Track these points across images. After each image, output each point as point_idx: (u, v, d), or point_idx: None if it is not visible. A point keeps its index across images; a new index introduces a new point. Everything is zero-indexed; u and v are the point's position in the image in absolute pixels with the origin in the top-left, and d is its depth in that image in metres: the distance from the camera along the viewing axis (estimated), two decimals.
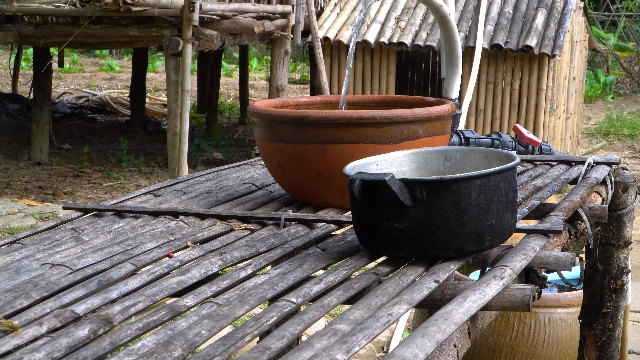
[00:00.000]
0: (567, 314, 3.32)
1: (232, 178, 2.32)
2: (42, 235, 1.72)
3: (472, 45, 7.12)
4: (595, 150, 10.31)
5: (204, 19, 5.98)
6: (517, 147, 2.78)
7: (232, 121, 11.20)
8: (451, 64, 2.52)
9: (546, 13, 7.40)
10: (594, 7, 17.47)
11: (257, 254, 1.58)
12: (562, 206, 1.86)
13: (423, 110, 1.90)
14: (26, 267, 1.46)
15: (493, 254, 1.53)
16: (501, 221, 1.46)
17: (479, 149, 1.66)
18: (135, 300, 1.26)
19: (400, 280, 1.35)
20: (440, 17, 2.40)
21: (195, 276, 1.41)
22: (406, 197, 1.40)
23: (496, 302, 1.35)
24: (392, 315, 1.18)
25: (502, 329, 3.32)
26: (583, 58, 8.90)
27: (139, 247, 1.60)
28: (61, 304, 1.28)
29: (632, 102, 14.24)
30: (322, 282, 1.36)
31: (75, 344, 1.10)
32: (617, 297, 2.55)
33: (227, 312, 1.20)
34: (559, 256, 1.54)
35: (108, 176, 7.62)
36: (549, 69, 7.21)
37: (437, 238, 1.42)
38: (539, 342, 3.30)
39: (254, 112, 1.97)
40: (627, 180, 2.39)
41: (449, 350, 1.25)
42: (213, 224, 1.79)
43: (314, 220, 1.78)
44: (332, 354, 1.03)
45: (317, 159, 1.87)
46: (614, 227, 2.49)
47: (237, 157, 8.60)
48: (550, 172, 2.32)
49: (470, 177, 1.41)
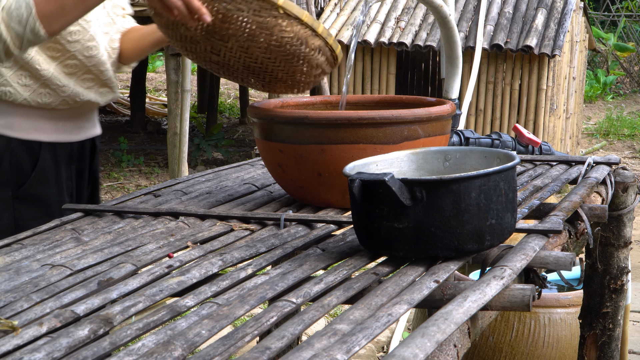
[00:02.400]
0: (567, 314, 3.32)
1: (232, 178, 2.32)
2: (42, 235, 1.72)
3: (472, 45, 7.12)
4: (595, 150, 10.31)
5: None
6: (517, 147, 2.78)
7: (232, 121, 11.20)
8: (451, 64, 2.53)
9: (546, 13, 7.40)
10: (594, 7, 17.48)
11: (257, 254, 1.58)
12: (562, 206, 1.86)
13: (423, 111, 1.90)
14: (26, 268, 1.47)
15: (493, 254, 1.53)
16: (501, 221, 1.46)
17: (478, 149, 1.66)
18: (135, 301, 1.27)
19: (400, 280, 1.35)
20: (441, 18, 2.40)
21: (196, 276, 1.41)
22: (406, 197, 1.40)
23: (496, 302, 1.35)
24: (392, 315, 1.18)
25: (502, 329, 3.32)
26: (583, 58, 8.90)
27: (139, 247, 1.61)
28: (61, 304, 1.28)
29: (632, 102, 14.25)
30: (322, 282, 1.36)
31: (75, 344, 1.10)
32: (617, 297, 2.56)
33: (227, 312, 1.20)
34: (559, 256, 1.54)
35: (108, 176, 7.62)
36: (549, 69, 7.21)
37: (437, 238, 1.42)
38: (539, 342, 3.30)
39: (253, 112, 1.98)
40: (627, 180, 2.39)
41: (449, 350, 1.25)
42: (213, 225, 1.79)
43: (314, 221, 1.78)
44: (332, 353, 1.03)
45: (317, 159, 1.87)
46: (614, 227, 2.49)
47: (237, 157, 8.61)
48: (550, 172, 2.32)
49: (470, 177, 1.41)
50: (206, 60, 1.89)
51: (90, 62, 2.21)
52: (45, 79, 2.15)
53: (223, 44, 1.82)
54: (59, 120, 2.22)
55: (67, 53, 2.16)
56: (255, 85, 1.96)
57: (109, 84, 2.28)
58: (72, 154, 2.27)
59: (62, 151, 2.24)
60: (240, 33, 1.80)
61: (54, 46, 2.15)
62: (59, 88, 2.17)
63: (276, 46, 1.82)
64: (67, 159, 2.26)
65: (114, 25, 2.31)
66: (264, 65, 1.87)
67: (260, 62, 1.86)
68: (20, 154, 2.16)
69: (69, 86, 2.18)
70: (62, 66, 2.17)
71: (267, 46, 1.82)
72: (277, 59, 1.85)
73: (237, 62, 1.87)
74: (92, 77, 2.23)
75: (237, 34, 1.80)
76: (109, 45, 2.28)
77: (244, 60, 1.86)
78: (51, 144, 2.21)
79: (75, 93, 2.19)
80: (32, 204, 2.18)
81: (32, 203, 2.18)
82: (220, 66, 1.90)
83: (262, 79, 1.92)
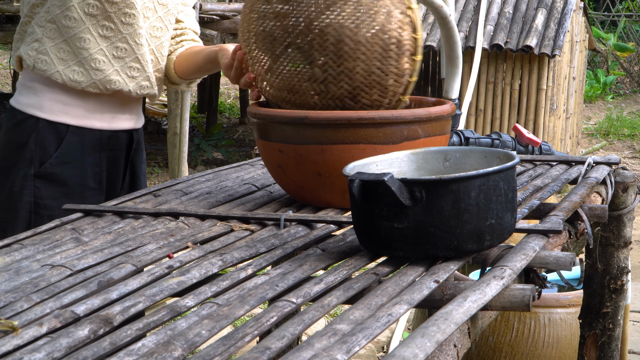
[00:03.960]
0: (567, 314, 3.32)
1: (232, 178, 2.32)
2: (42, 235, 1.72)
3: (472, 45, 7.12)
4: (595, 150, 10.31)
5: (204, 19, 5.99)
6: (517, 147, 2.78)
7: (232, 121, 11.20)
8: (451, 64, 2.53)
9: (546, 13, 7.40)
10: (594, 7, 17.48)
11: (257, 254, 1.58)
12: (562, 206, 1.86)
13: (423, 111, 1.90)
14: (26, 268, 1.47)
15: (493, 254, 1.53)
16: (501, 221, 1.46)
17: (478, 148, 1.66)
18: (135, 301, 1.27)
19: (400, 281, 1.35)
20: (441, 18, 2.40)
21: (196, 276, 1.41)
22: (405, 197, 1.40)
23: (496, 302, 1.35)
24: (392, 315, 1.18)
25: (502, 329, 3.33)
26: (583, 58, 8.90)
27: (140, 248, 1.61)
28: (61, 304, 1.28)
29: (632, 102, 14.25)
30: (322, 282, 1.36)
31: (75, 344, 1.10)
32: (617, 297, 2.56)
33: (227, 312, 1.20)
34: (559, 256, 1.55)
35: None
36: (548, 69, 7.21)
37: (437, 238, 1.42)
38: (539, 342, 3.30)
39: (253, 112, 1.98)
40: (627, 180, 2.39)
41: (449, 350, 1.25)
42: (213, 225, 1.79)
43: (314, 221, 1.78)
44: (332, 353, 1.03)
45: (317, 160, 1.87)
46: (614, 227, 2.49)
47: (237, 157, 8.61)
48: (550, 172, 2.32)
49: (470, 176, 1.41)
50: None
51: (139, 51, 2.25)
52: (83, 57, 2.20)
53: None
54: (90, 106, 2.26)
55: (119, 34, 2.20)
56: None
57: (150, 78, 2.30)
58: (102, 141, 2.30)
59: (89, 137, 2.27)
60: None
61: (108, 25, 2.19)
62: (92, 70, 2.21)
63: None
64: (95, 146, 2.29)
65: (166, 32, 2.34)
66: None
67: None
68: (47, 134, 2.23)
69: (105, 71, 2.22)
70: (112, 48, 2.21)
71: None
72: None
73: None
74: (139, 67, 2.26)
75: None
76: (156, 48, 2.31)
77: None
78: (79, 128, 2.25)
79: (107, 79, 2.22)
80: (52, 183, 2.23)
81: (51, 182, 2.23)
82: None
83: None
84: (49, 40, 2.20)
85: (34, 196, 2.21)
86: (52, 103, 2.23)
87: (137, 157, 2.43)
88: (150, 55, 2.30)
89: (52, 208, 2.21)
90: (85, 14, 2.18)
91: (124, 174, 2.39)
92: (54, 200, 2.21)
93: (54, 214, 2.17)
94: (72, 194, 2.24)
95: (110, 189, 2.35)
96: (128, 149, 2.38)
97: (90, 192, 2.28)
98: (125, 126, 2.36)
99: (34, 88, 2.24)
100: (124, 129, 2.36)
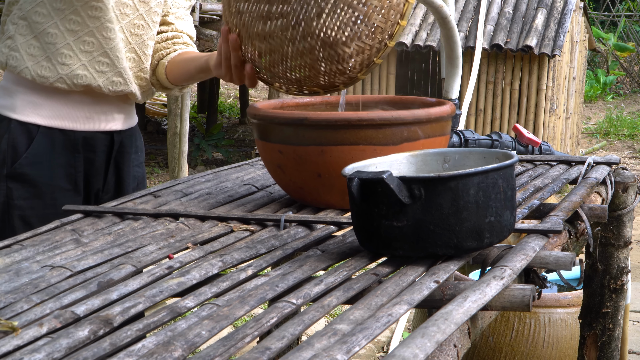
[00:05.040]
0: (567, 314, 3.33)
1: (232, 179, 2.32)
2: (42, 236, 1.72)
3: (472, 45, 7.12)
4: (595, 150, 10.32)
5: (204, 19, 5.99)
6: (517, 147, 2.78)
7: (232, 121, 11.21)
8: (451, 64, 2.53)
9: (546, 13, 7.40)
10: (594, 7, 17.49)
11: (257, 255, 1.58)
12: (562, 206, 1.86)
13: (422, 112, 1.90)
14: (26, 269, 1.47)
15: (493, 254, 1.53)
16: (500, 219, 1.46)
17: (477, 150, 1.66)
18: (135, 302, 1.27)
19: (400, 281, 1.36)
20: (441, 18, 2.40)
21: (196, 277, 1.41)
22: (404, 195, 1.40)
23: (496, 302, 1.35)
24: (392, 316, 1.18)
25: (502, 329, 3.33)
26: (583, 58, 8.91)
27: (140, 249, 1.61)
28: (61, 305, 1.28)
29: (632, 102, 14.26)
30: (322, 283, 1.36)
31: (75, 344, 1.10)
32: (617, 297, 2.56)
33: (228, 312, 1.20)
34: (559, 256, 1.55)
35: None
36: (548, 69, 7.22)
37: (436, 236, 1.42)
38: (539, 342, 3.30)
39: (253, 113, 1.98)
40: (627, 180, 2.39)
41: (449, 350, 1.25)
42: (213, 226, 1.79)
43: (314, 222, 1.78)
44: (332, 354, 1.03)
45: (317, 161, 1.87)
46: (614, 227, 2.50)
47: (237, 157, 8.61)
48: (550, 172, 2.32)
49: (468, 174, 1.41)
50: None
51: (108, 45, 2.22)
52: (50, 52, 2.19)
53: None
54: (61, 106, 2.24)
55: (86, 28, 2.19)
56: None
57: (123, 74, 2.27)
58: (76, 142, 2.28)
59: (60, 137, 2.25)
60: None
61: (74, 19, 2.18)
62: (59, 65, 2.19)
63: None
64: (68, 147, 2.26)
65: (149, 31, 2.31)
66: None
67: None
68: (18, 135, 2.22)
69: (71, 65, 2.20)
70: (80, 42, 2.20)
71: None
72: None
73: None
74: (108, 61, 2.24)
75: None
76: (138, 47, 2.29)
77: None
78: (49, 129, 2.24)
79: (74, 74, 2.20)
80: (23, 184, 2.22)
81: (22, 183, 2.22)
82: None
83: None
84: (21, 36, 2.19)
85: (6, 196, 2.21)
86: (24, 103, 2.22)
87: (123, 160, 2.37)
88: (130, 53, 2.27)
89: (22, 208, 2.20)
90: (53, 8, 2.17)
91: (105, 176, 2.35)
92: (24, 201, 2.20)
93: (24, 214, 2.18)
94: (43, 195, 2.22)
95: (89, 190, 2.32)
96: (109, 151, 2.34)
97: (63, 192, 2.25)
98: (104, 127, 2.31)
99: (8, 89, 2.24)
100: (102, 130, 2.31)
